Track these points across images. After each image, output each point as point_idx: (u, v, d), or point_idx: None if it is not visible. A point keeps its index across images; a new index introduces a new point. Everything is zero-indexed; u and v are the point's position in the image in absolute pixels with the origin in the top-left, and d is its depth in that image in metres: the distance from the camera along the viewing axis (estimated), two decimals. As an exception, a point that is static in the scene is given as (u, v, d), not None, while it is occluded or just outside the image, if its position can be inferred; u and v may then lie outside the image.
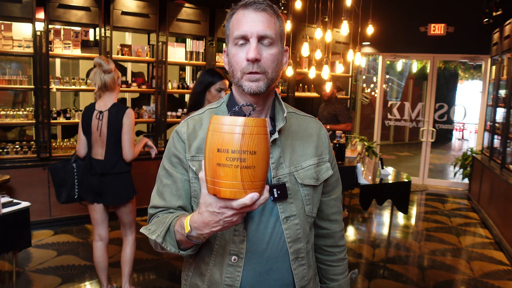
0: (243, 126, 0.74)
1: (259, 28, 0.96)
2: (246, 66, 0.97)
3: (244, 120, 0.74)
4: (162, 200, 1.06)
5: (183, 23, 4.92)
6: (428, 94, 6.92)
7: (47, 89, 4.14)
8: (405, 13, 6.73)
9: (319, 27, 4.37)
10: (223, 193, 0.76)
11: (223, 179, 0.75)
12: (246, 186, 0.75)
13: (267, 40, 0.98)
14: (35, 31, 4.00)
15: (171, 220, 0.97)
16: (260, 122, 0.76)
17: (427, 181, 7.06)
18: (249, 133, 0.74)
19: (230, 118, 0.75)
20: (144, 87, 4.81)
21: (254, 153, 0.74)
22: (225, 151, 0.74)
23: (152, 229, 0.97)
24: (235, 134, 0.74)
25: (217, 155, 0.75)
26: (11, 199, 2.42)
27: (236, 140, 0.74)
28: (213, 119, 0.78)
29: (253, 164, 0.74)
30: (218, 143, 0.75)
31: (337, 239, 1.21)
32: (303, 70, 6.29)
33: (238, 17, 0.99)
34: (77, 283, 3.10)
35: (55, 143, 4.40)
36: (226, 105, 1.10)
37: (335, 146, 3.59)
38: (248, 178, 0.75)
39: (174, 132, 1.09)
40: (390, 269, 3.61)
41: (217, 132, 0.75)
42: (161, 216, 1.03)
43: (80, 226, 4.28)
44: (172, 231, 0.95)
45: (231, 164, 0.74)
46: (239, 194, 0.75)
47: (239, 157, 0.73)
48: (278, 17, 1.02)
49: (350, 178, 3.40)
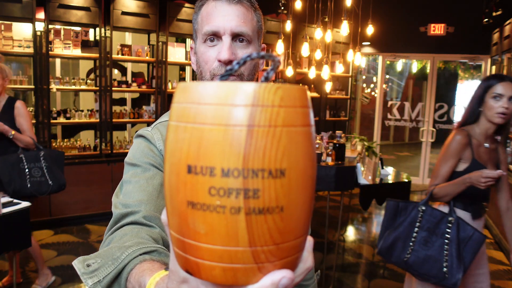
0: (254, 107, 0.32)
1: (233, 24, 0.82)
2: (217, 67, 0.83)
3: (254, 91, 0.32)
4: (122, 205, 0.78)
5: (183, 23, 4.92)
6: (428, 94, 6.92)
7: (47, 89, 4.14)
8: (405, 13, 6.73)
9: (319, 27, 4.38)
10: (204, 272, 0.34)
11: (204, 240, 0.33)
12: (263, 258, 0.33)
13: (242, 38, 0.83)
14: (35, 31, 4.00)
15: (129, 259, 0.61)
16: (292, 94, 0.33)
17: (427, 181, 7.06)
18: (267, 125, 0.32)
19: (220, 85, 0.33)
20: (144, 87, 4.82)
21: (283, 175, 0.32)
22: (208, 171, 0.32)
23: (93, 266, 0.61)
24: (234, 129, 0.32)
25: (189, 181, 0.33)
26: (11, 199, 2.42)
27: (237, 143, 0.31)
28: (179, 92, 0.36)
29: (281, 205, 0.33)
30: (189, 151, 0.33)
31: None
32: (303, 70, 6.29)
33: (208, 9, 0.84)
34: (77, 283, 3.10)
35: (55, 143, 4.40)
36: None
37: (335, 146, 3.60)
38: (267, 237, 0.33)
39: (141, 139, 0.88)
40: (390, 269, 3.61)
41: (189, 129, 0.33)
42: (118, 233, 0.71)
43: (80, 226, 4.28)
44: (122, 283, 0.60)
45: (222, 204, 0.32)
46: (246, 275, 0.33)
47: (243, 188, 0.32)
48: (256, 11, 0.88)
49: (350, 178, 3.40)
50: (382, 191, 3.49)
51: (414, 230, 1.74)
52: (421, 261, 1.69)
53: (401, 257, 1.74)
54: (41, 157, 2.74)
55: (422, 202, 1.79)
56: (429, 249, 1.69)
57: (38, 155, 2.74)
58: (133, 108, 4.94)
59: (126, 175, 0.82)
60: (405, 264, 1.75)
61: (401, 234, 1.76)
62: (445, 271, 1.64)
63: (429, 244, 1.69)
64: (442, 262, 1.65)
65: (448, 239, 1.67)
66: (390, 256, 1.80)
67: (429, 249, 1.69)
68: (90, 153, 4.53)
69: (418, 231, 1.72)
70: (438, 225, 1.71)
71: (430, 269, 1.68)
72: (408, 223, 1.76)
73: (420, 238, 1.72)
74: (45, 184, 2.72)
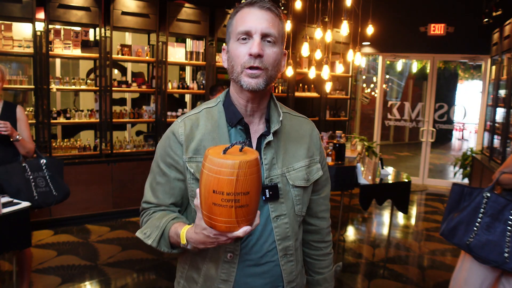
0: (238, 170, 0.77)
1: (263, 26, 0.98)
2: (247, 61, 0.97)
3: (238, 164, 0.77)
4: (155, 198, 1.10)
5: (183, 23, 4.92)
6: (428, 94, 6.92)
7: (47, 89, 4.14)
8: (405, 13, 6.73)
9: (319, 27, 4.38)
10: (218, 227, 0.83)
11: (219, 216, 0.81)
12: (240, 222, 0.82)
13: (270, 38, 0.99)
14: (35, 31, 4.00)
15: (165, 225, 1.02)
16: (252, 163, 0.79)
17: (427, 181, 7.06)
18: (243, 176, 0.78)
19: (224, 162, 0.78)
20: (144, 87, 4.82)
21: (247, 193, 0.79)
22: (220, 193, 0.79)
23: (147, 233, 1.04)
24: (230, 178, 0.78)
25: (213, 195, 0.80)
26: (11, 199, 2.41)
27: (231, 184, 0.78)
28: (208, 159, 0.80)
29: (246, 203, 0.80)
30: (213, 184, 0.79)
31: (324, 235, 1.25)
32: (303, 70, 6.29)
33: (242, 14, 1.00)
34: (77, 283, 3.10)
35: (55, 143, 4.40)
36: (223, 104, 1.09)
37: (335, 146, 3.60)
38: (242, 215, 0.81)
39: (170, 132, 1.09)
40: (390, 269, 3.61)
41: (212, 174, 0.79)
42: (154, 215, 1.08)
43: (80, 226, 4.29)
44: (166, 237, 1.01)
45: (226, 204, 0.79)
46: (233, 229, 0.83)
47: (234, 199, 0.79)
48: (281, 19, 1.03)
49: (350, 178, 3.41)
50: (382, 191, 3.49)
51: (478, 215, 1.81)
52: (481, 245, 1.77)
53: (464, 240, 1.84)
54: (43, 166, 2.62)
55: (488, 189, 1.84)
56: (491, 234, 1.76)
57: (39, 163, 2.61)
58: (133, 108, 4.94)
59: (157, 168, 1.11)
60: (467, 247, 1.83)
61: (464, 218, 1.84)
62: (506, 256, 1.72)
63: (492, 230, 1.77)
64: (504, 247, 1.72)
65: (510, 226, 1.73)
66: (452, 238, 1.90)
67: (491, 234, 1.76)
68: (90, 153, 4.53)
69: (482, 216, 1.79)
70: (501, 211, 1.77)
71: (489, 253, 1.75)
72: (472, 208, 1.83)
73: (483, 223, 1.79)
74: (51, 194, 2.59)
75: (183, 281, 1.16)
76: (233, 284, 1.05)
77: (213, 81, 5.22)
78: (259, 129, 1.08)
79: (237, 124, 1.06)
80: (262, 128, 1.08)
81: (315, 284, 1.26)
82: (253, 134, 1.08)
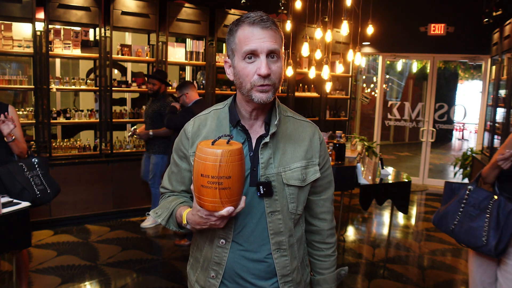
0: (220, 157, 0.93)
1: (268, 44, 1.06)
2: (257, 80, 1.07)
3: (221, 153, 0.93)
4: (170, 185, 1.30)
5: (183, 23, 4.92)
6: (428, 94, 6.92)
7: (47, 89, 4.14)
8: (405, 13, 6.73)
9: (319, 27, 4.37)
10: (206, 206, 0.98)
11: (206, 196, 0.97)
12: (224, 202, 0.97)
13: (274, 54, 1.08)
14: (35, 31, 4.00)
15: (174, 206, 1.19)
16: (234, 152, 0.95)
17: (427, 181, 7.06)
18: (225, 162, 0.93)
19: (210, 150, 0.94)
20: (144, 87, 4.81)
21: (229, 178, 0.94)
22: (207, 176, 0.94)
23: (158, 213, 1.22)
24: (214, 164, 0.93)
25: (201, 178, 0.96)
26: (11, 199, 2.41)
27: (215, 168, 0.93)
28: (198, 148, 0.97)
29: (228, 186, 0.95)
30: (201, 169, 0.95)
31: (325, 237, 1.31)
32: (303, 70, 6.29)
33: (245, 33, 1.08)
34: (77, 283, 3.10)
35: (55, 143, 4.40)
36: (229, 108, 1.21)
37: (335, 146, 3.59)
38: (225, 196, 0.96)
39: (182, 130, 1.26)
40: (390, 269, 3.61)
41: (201, 160, 0.95)
42: (168, 199, 1.28)
43: (80, 226, 4.29)
44: (174, 216, 1.18)
45: (211, 186, 0.95)
46: (218, 208, 0.98)
47: (217, 181, 0.94)
48: (279, 31, 1.12)
49: (350, 178, 3.40)
50: (382, 191, 3.48)
51: (461, 205, 2.06)
52: (464, 231, 2.02)
53: (449, 226, 2.09)
54: (35, 165, 2.65)
55: (471, 183, 2.08)
56: (472, 222, 2.00)
57: (32, 162, 2.63)
58: (133, 108, 4.94)
59: (172, 159, 1.28)
60: (451, 232, 2.08)
61: (450, 208, 2.10)
62: (484, 240, 1.94)
63: (472, 217, 2.01)
64: (482, 232, 1.96)
65: (489, 213, 1.95)
66: (441, 226, 2.15)
67: (472, 221, 2.00)
68: (90, 153, 4.53)
69: (464, 206, 2.05)
70: (482, 201, 2.00)
71: (469, 238, 2.00)
72: (457, 200, 2.09)
73: (465, 212, 2.05)
74: (46, 192, 2.62)
75: (192, 259, 1.32)
76: (224, 267, 1.18)
77: (213, 81, 5.22)
78: (260, 131, 1.18)
79: (237, 125, 1.18)
80: (262, 130, 1.19)
81: (315, 283, 1.33)
82: (253, 135, 1.18)
